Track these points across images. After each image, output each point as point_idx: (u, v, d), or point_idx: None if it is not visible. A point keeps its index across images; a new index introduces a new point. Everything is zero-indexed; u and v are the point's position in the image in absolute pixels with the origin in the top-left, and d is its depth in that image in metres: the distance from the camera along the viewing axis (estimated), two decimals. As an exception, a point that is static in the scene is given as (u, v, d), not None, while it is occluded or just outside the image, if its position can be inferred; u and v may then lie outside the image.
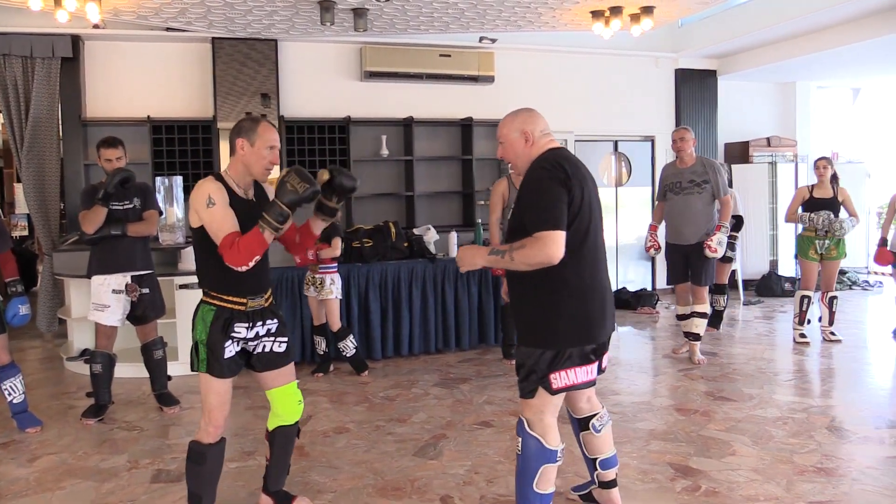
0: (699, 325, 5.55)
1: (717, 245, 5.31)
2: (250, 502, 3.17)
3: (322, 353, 5.47)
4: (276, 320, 2.90)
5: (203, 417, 2.81)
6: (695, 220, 5.41)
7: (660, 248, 5.72)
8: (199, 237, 2.74)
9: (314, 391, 4.95)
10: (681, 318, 5.75)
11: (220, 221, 2.63)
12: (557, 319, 2.59)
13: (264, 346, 2.88)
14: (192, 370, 2.78)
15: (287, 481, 3.38)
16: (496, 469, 3.49)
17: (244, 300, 2.77)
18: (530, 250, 2.48)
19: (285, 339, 2.93)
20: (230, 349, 2.76)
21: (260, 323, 2.83)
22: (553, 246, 2.47)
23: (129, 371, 5.24)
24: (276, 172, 3.39)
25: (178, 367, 5.32)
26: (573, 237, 2.56)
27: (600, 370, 2.81)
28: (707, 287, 5.56)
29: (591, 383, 2.74)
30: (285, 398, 2.93)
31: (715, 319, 6.47)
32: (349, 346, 5.33)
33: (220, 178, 2.75)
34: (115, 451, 3.85)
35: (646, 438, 3.90)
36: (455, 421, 4.25)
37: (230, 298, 2.75)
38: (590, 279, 2.63)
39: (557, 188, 2.53)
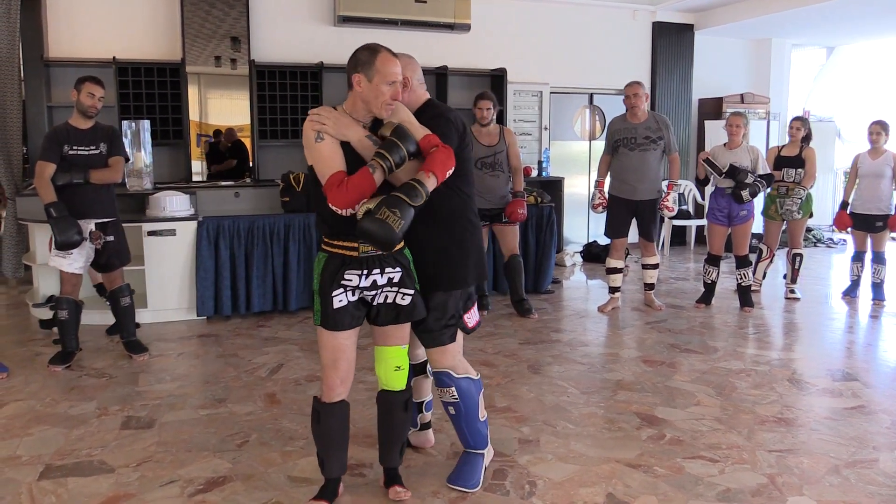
0: (653, 276, 5.85)
1: (672, 204, 5.53)
2: (221, 448, 3.18)
3: None
4: (399, 269, 2.56)
5: (322, 374, 2.63)
6: (650, 176, 5.47)
7: (607, 205, 5.66)
8: (313, 177, 2.49)
9: (286, 339, 4.95)
10: (611, 271, 5.78)
11: (327, 158, 2.37)
12: (467, 257, 2.71)
13: (386, 297, 2.58)
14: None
15: (259, 427, 3.40)
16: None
17: (356, 244, 2.47)
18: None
19: (411, 291, 2.59)
20: (341, 298, 2.50)
21: (377, 271, 2.52)
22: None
23: (97, 318, 5.18)
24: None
25: (147, 315, 5.29)
26: (468, 177, 2.76)
27: None
28: (655, 241, 5.72)
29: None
30: (382, 360, 2.68)
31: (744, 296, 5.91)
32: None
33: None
34: (83, 397, 3.82)
35: (613, 388, 3.98)
36: (426, 370, 4.29)
37: (340, 243, 2.49)
38: (477, 219, 2.80)
39: (455, 134, 2.65)
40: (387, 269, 2.55)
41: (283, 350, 4.70)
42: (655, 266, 5.82)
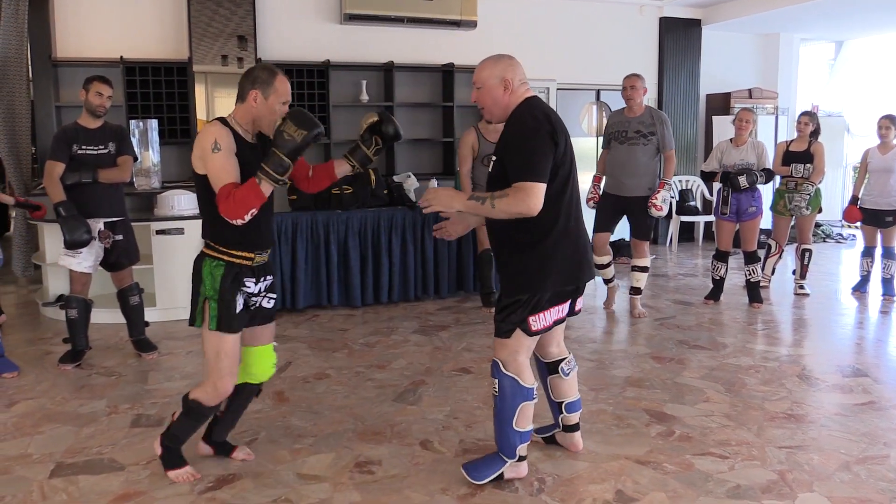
0: (640, 280, 5.56)
1: (661, 203, 5.27)
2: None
3: None
4: (271, 276, 2.83)
5: (210, 380, 2.66)
6: (637, 171, 5.29)
7: (599, 201, 5.57)
8: (203, 185, 2.57)
9: (294, 338, 4.96)
10: (598, 267, 5.67)
11: (220, 169, 2.47)
12: (551, 263, 2.64)
13: (258, 302, 2.79)
14: (192, 325, 2.68)
15: (268, 425, 3.42)
16: (474, 414, 3.54)
17: (252, 255, 2.66)
18: (512, 199, 2.52)
19: (275, 294, 2.86)
20: (240, 303, 2.66)
21: (263, 279, 2.76)
22: (534, 198, 2.51)
23: (107, 317, 5.20)
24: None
25: (156, 314, 5.31)
26: (560, 184, 2.62)
27: (573, 312, 2.85)
28: (647, 241, 5.52)
29: (563, 320, 2.81)
30: (263, 358, 2.89)
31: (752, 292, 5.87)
32: None
33: (225, 122, 2.58)
34: (93, 396, 3.84)
35: (622, 385, 3.97)
36: (434, 367, 4.29)
37: (237, 253, 2.63)
38: (574, 224, 2.71)
39: (545, 141, 2.54)
40: (267, 277, 2.79)
41: (291, 348, 4.71)
42: (645, 269, 5.55)
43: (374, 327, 5.26)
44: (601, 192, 5.58)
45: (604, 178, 5.61)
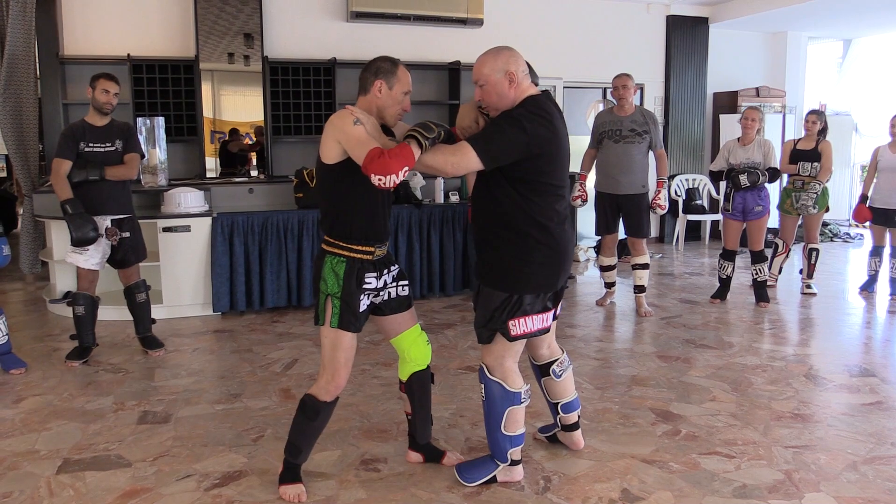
0: (642, 277, 5.57)
1: (664, 202, 5.39)
2: (237, 443, 3.19)
3: None
4: (396, 266, 2.80)
5: (324, 375, 2.63)
6: (633, 169, 5.34)
7: (587, 199, 5.59)
8: (332, 176, 2.55)
9: (300, 335, 4.97)
10: (604, 269, 5.77)
11: (364, 138, 2.41)
12: (527, 265, 2.58)
13: (389, 293, 2.76)
14: (317, 324, 2.64)
15: (274, 422, 3.42)
16: (480, 413, 3.52)
17: (372, 248, 2.62)
18: (450, 151, 2.46)
19: (406, 282, 2.83)
20: (364, 302, 2.63)
21: (386, 271, 2.72)
22: (461, 160, 2.43)
23: (113, 314, 5.22)
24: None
25: (163, 311, 5.32)
26: (550, 186, 2.55)
27: (554, 317, 2.80)
28: (645, 238, 5.54)
29: (546, 330, 2.73)
30: (414, 341, 2.83)
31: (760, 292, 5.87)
32: None
33: None
34: (100, 392, 3.86)
35: (628, 384, 3.97)
36: (440, 365, 4.29)
37: (358, 248, 2.59)
38: (558, 227, 2.62)
39: (518, 140, 2.44)
40: (391, 268, 2.76)
41: (297, 345, 4.72)
42: (645, 266, 5.56)
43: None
44: (596, 193, 5.60)
45: (588, 176, 5.63)
